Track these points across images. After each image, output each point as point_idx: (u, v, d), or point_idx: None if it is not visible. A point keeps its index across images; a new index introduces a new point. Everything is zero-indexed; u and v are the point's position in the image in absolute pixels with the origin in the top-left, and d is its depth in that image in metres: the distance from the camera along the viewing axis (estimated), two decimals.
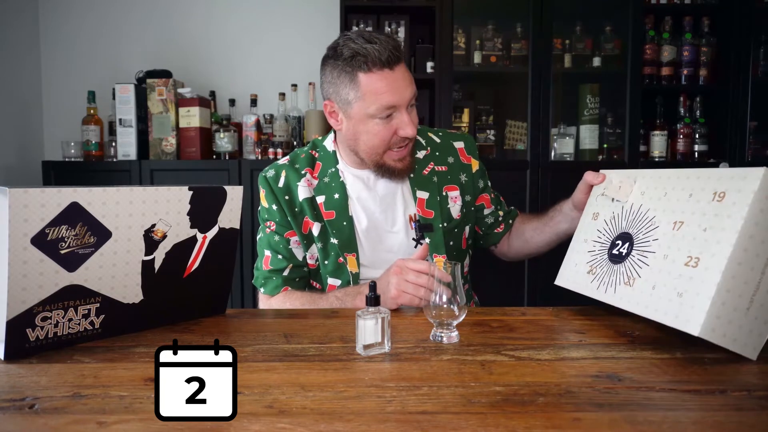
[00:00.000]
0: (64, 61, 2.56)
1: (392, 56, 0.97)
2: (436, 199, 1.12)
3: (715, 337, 0.63)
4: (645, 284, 0.74)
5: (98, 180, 2.23)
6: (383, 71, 0.98)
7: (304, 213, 1.10)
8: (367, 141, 1.04)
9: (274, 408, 0.53)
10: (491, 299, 1.22)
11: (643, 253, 0.76)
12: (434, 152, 1.16)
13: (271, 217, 1.12)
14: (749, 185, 0.63)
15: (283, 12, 2.61)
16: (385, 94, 0.98)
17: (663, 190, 0.78)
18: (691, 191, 0.72)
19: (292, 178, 1.11)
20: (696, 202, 0.71)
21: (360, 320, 0.67)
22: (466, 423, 0.49)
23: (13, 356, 0.65)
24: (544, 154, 2.33)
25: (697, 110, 2.46)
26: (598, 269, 0.84)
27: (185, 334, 0.77)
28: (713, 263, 0.64)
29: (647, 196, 0.81)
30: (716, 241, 0.65)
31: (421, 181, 1.12)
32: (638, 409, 0.52)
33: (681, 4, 2.42)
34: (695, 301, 0.64)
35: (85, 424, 0.49)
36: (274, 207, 1.11)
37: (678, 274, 0.69)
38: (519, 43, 2.40)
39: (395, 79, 0.99)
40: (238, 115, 2.45)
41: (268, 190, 1.11)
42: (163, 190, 0.74)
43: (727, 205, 0.65)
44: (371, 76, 0.98)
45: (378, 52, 0.96)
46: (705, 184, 0.70)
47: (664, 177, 0.79)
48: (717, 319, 0.63)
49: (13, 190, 0.60)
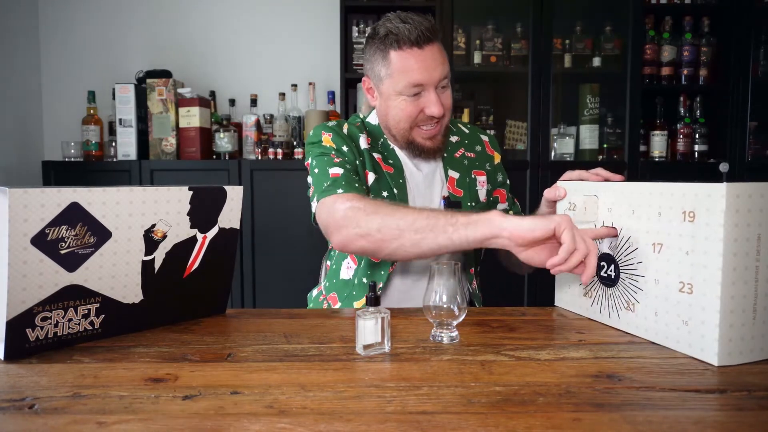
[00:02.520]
0: (64, 61, 2.56)
1: (422, 36, 1.00)
2: (465, 180, 1.15)
3: (733, 359, 0.64)
4: (646, 310, 0.74)
5: (98, 180, 2.23)
6: (413, 50, 1.01)
7: (365, 161, 1.09)
8: (394, 116, 1.07)
9: (274, 408, 0.53)
10: (491, 299, 1.22)
11: (632, 277, 0.77)
12: (464, 140, 1.21)
13: (340, 155, 1.06)
14: (716, 204, 0.63)
15: (283, 12, 2.61)
16: (412, 72, 1.01)
17: (629, 206, 0.77)
18: (659, 209, 0.72)
19: (353, 130, 1.12)
20: (668, 221, 0.70)
21: (360, 320, 0.67)
22: (466, 423, 0.49)
23: (13, 356, 0.65)
24: (544, 154, 2.33)
25: (697, 110, 2.46)
26: (593, 292, 0.85)
27: (185, 334, 0.77)
28: (708, 290, 0.64)
29: (615, 213, 0.80)
30: (703, 265, 0.65)
31: (453, 161, 1.16)
32: (638, 409, 0.52)
33: (681, 4, 2.42)
34: (703, 329, 0.65)
35: (85, 424, 0.49)
36: (344, 148, 1.07)
37: (676, 300, 0.69)
38: (519, 43, 2.40)
39: (424, 58, 1.01)
40: (238, 115, 2.45)
41: (335, 134, 1.08)
42: (163, 190, 0.74)
43: (700, 225, 0.65)
44: (401, 54, 1.01)
45: (408, 32, 1.00)
46: (672, 202, 0.69)
47: (627, 192, 0.77)
48: (730, 342, 0.63)
49: (13, 190, 0.60)
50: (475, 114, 2.55)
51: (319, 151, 1.08)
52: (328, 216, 0.97)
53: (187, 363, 0.65)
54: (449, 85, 1.07)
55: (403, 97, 1.04)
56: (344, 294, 1.11)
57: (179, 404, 0.53)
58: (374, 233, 0.89)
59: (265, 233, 2.26)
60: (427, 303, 0.73)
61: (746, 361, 0.64)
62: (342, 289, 1.12)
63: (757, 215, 0.63)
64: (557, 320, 0.85)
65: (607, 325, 0.82)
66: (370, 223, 0.90)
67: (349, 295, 1.10)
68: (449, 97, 1.07)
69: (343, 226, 0.93)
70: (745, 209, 0.62)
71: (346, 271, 1.13)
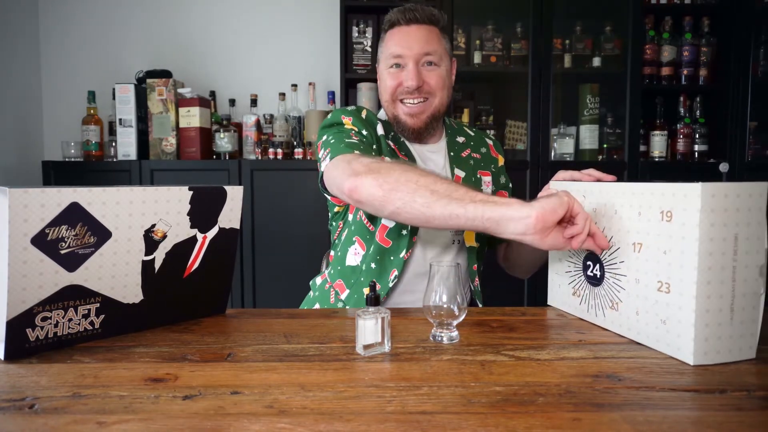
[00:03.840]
0: (64, 61, 2.56)
1: (411, 16, 1.08)
2: (471, 180, 1.16)
3: (709, 359, 0.64)
4: (629, 309, 0.74)
5: (98, 180, 2.23)
6: (400, 27, 1.10)
7: (381, 147, 1.10)
8: (381, 88, 1.15)
9: (274, 408, 0.53)
10: (491, 299, 1.22)
11: (615, 276, 0.77)
12: (470, 141, 1.22)
13: (360, 136, 1.06)
14: (692, 203, 0.63)
15: (283, 12, 2.61)
16: (393, 44, 1.10)
17: (612, 207, 0.77)
18: (639, 209, 0.72)
19: (371, 116, 1.14)
20: (647, 221, 0.70)
21: (360, 320, 0.67)
22: (466, 423, 0.49)
23: (13, 356, 0.65)
24: (544, 154, 2.33)
25: (697, 110, 2.46)
26: (581, 291, 0.86)
27: (185, 334, 0.77)
28: (684, 289, 0.64)
29: (599, 213, 0.80)
30: (679, 265, 0.65)
31: (459, 160, 1.17)
32: (638, 409, 0.52)
33: (681, 4, 2.42)
34: (679, 329, 0.65)
35: (85, 424, 0.49)
36: (364, 131, 1.07)
37: (654, 300, 0.69)
38: (519, 43, 2.40)
39: (407, 32, 1.09)
40: (238, 115, 2.45)
41: (355, 117, 1.09)
42: (163, 190, 0.74)
43: (677, 225, 0.65)
44: (390, 33, 1.12)
45: (399, 13, 1.10)
46: (651, 201, 0.70)
47: (611, 192, 0.78)
48: (706, 341, 0.63)
49: (13, 190, 0.60)
50: (475, 114, 2.55)
51: (337, 130, 1.06)
52: (346, 165, 0.91)
53: (187, 363, 0.65)
54: (442, 66, 1.10)
55: (387, 71, 1.11)
56: (351, 281, 1.10)
57: (179, 404, 0.53)
58: (390, 181, 0.84)
59: (265, 233, 2.26)
60: (427, 303, 0.73)
61: (723, 360, 0.64)
62: (349, 276, 1.11)
63: (733, 215, 0.62)
64: (557, 320, 0.85)
65: (594, 324, 0.82)
66: (390, 171, 0.85)
67: (357, 282, 1.09)
68: (438, 76, 1.09)
69: (360, 172, 0.87)
70: (721, 209, 0.62)
71: (353, 257, 1.12)
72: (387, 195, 0.83)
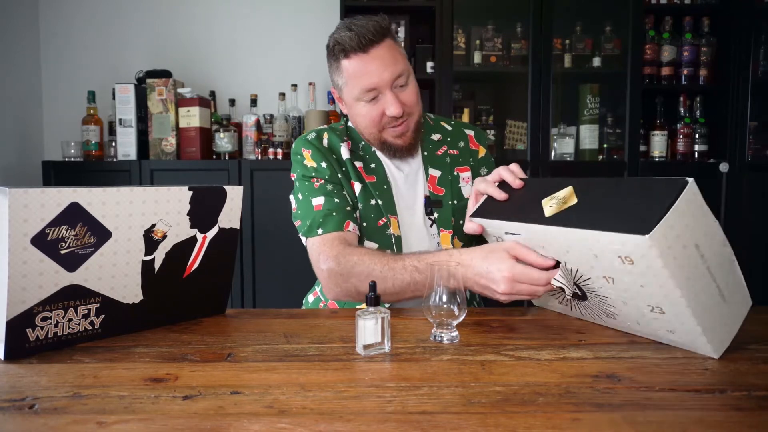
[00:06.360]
0: (64, 61, 2.56)
1: (365, 40, 1.00)
2: (447, 178, 1.14)
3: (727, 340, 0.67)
4: (627, 319, 0.74)
5: (98, 180, 2.23)
6: (358, 55, 1.02)
7: (348, 172, 1.10)
8: (360, 123, 1.09)
9: (274, 408, 0.53)
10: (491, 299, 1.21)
11: (600, 297, 0.75)
12: (446, 138, 1.20)
13: (320, 174, 1.08)
14: (650, 252, 0.60)
15: (283, 12, 2.61)
16: (363, 77, 1.02)
17: (561, 246, 0.73)
18: (592, 251, 0.68)
19: (333, 140, 1.12)
20: (609, 263, 0.67)
21: (360, 320, 0.67)
22: (466, 423, 0.49)
23: (13, 356, 0.65)
24: (544, 154, 2.33)
25: (697, 110, 2.46)
26: (570, 303, 0.84)
27: (185, 334, 0.77)
28: (678, 310, 0.64)
29: (550, 251, 0.76)
30: (663, 295, 0.64)
31: (434, 160, 1.15)
32: (638, 409, 0.52)
33: (681, 4, 2.42)
34: (691, 336, 0.66)
35: (85, 424, 0.49)
36: (324, 164, 1.08)
37: (652, 317, 0.69)
38: (519, 43, 2.41)
39: (370, 60, 1.01)
40: (238, 115, 2.45)
41: (314, 149, 1.10)
42: (163, 190, 0.74)
43: (641, 268, 0.63)
44: (350, 62, 1.03)
45: (350, 39, 1.00)
46: (602, 248, 0.67)
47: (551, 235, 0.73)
48: (713, 332, 0.65)
49: (13, 190, 0.60)
50: (475, 114, 2.55)
51: (301, 173, 1.11)
52: (314, 264, 1.03)
53: (187, 363, 0.65)
54: (410, 80, 1.06)
55: (362, 103, 1.05)
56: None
57: (179, 404, 0.53)
58: (354, 294, 0.96)
59: (265, 233, 2.26)
60: (427, 303, 0.73)
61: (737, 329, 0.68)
62: None
63: (686, 233, 0.61)
64: (557, 320, 0.85)
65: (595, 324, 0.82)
66: (348, 286, 0.96)
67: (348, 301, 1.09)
68: (412, 93, 1.06)
69: (326, 286, 0.99)
70: (673, 236, 0.60)
71: None
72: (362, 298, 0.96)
